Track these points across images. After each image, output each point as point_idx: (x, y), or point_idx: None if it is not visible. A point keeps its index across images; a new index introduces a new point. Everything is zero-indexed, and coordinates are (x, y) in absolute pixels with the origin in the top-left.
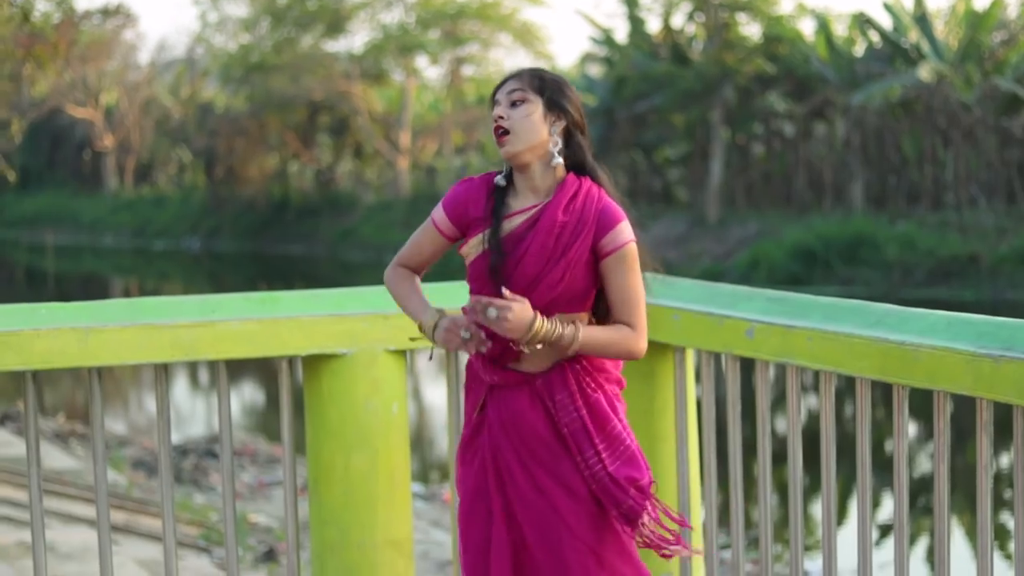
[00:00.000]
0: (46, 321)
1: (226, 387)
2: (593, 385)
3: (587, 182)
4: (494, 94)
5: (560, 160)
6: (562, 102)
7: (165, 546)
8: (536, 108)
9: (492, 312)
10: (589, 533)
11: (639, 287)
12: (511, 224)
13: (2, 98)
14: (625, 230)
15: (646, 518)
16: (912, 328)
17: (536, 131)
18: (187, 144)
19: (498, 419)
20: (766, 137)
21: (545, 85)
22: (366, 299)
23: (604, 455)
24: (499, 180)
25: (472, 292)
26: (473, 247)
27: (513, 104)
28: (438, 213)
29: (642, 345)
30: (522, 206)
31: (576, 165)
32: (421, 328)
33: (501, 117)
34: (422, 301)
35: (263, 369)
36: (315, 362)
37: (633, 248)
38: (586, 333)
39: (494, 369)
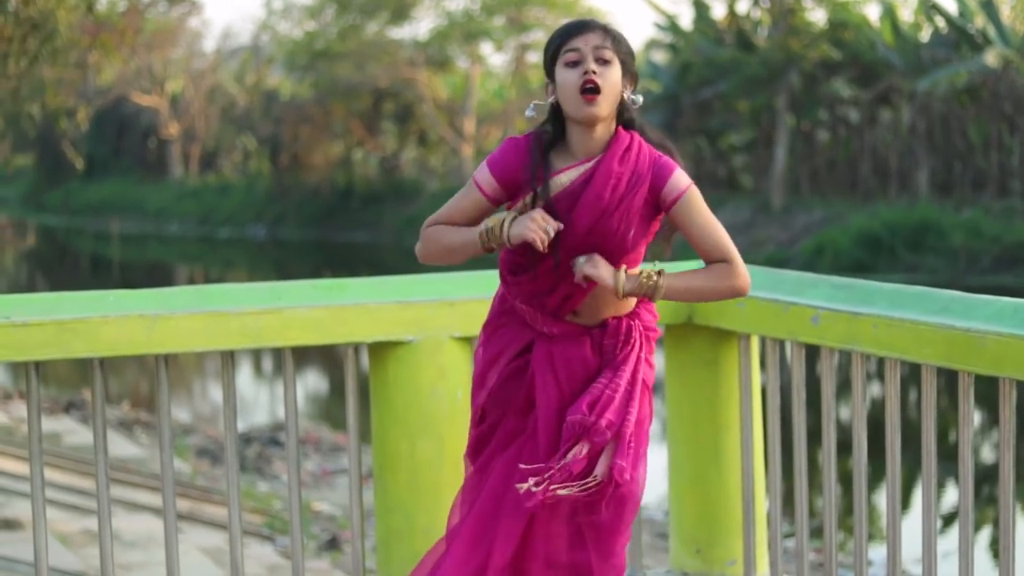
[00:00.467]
0: (114, 308)
1: (292, 374)
2: (645, 342)
3: (637, 136)
4: (566, 40)
5: (632, 110)
6: (633, 64)
7: (231, 534)
8: (617, 68)
9: (581, 259)
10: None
11: (718, 223)
12: (561, 180)
13: (68, 86)
14: (682, 176)
15: (584, 435)
16: (978, 315)
17: (618, 93)
18: (252, 132)
19: (548, 366)
20: (831, 123)
21: (621, 46)
22: (432, 286)
23: (616, 397)
24: (547, 128)
25: (517, 255)
26: (522, 208)
27: (600, 61)
28: (482, 174)
29: (745, 278)
30: (572, 162)
31: (626, 121)
32: (485, 239)
33: (595, 72)
34: (469, 227)
35: (326, 357)
36: (381, 349)
37: (696, 191)
38: (674, 277)
39: (554, 321)
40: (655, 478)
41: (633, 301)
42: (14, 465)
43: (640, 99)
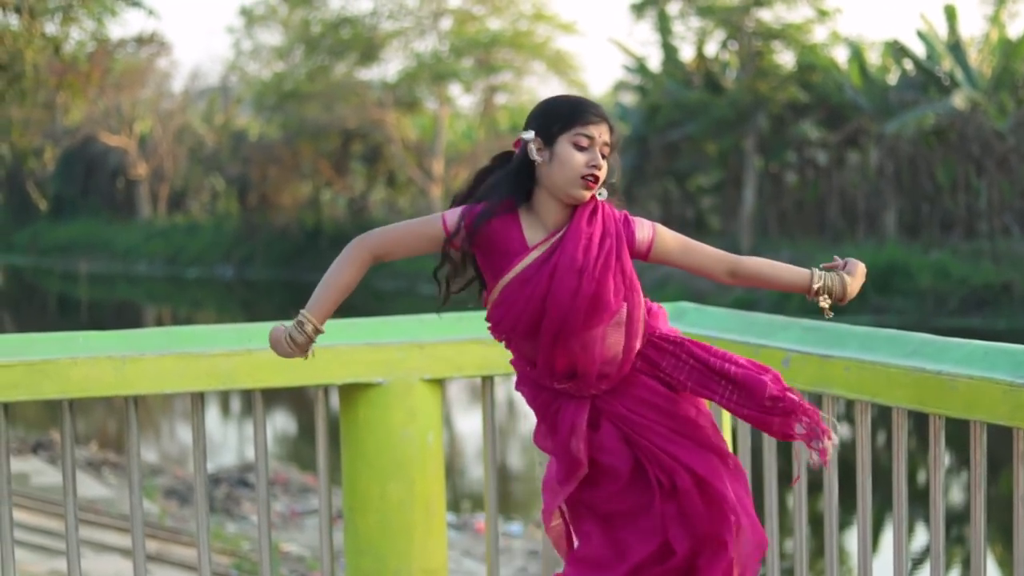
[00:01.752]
0: (83, 349)
1: (262, 416)
2: (672, 344)
3: (598, 200)
4: (584, 121)
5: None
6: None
7: (201, 574)
8: (607, 161)
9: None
10: (727, 473)
11: (693, 240)
12: (532, 256)
13: (36, 126)
14: (643, 222)
15: (801, 416)
16: (949, 358)
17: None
18: (220, 172)
19: (621, 418)
20: (799, 165)
21: (616, 140)
22: (402, 328)
23: (730, 387)
24: (516, 192)
25: (498, 324)
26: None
27: (603, 155)
28: (454, 217)
29: None
30: (543, 235)
31: None
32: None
33: (601, 168)
34: (326, 298)
35: (295, 397)
36: (351, 391)
37: (660, 226)
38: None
39: (602, 380)
40: None
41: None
42: None
43: (605, 194)
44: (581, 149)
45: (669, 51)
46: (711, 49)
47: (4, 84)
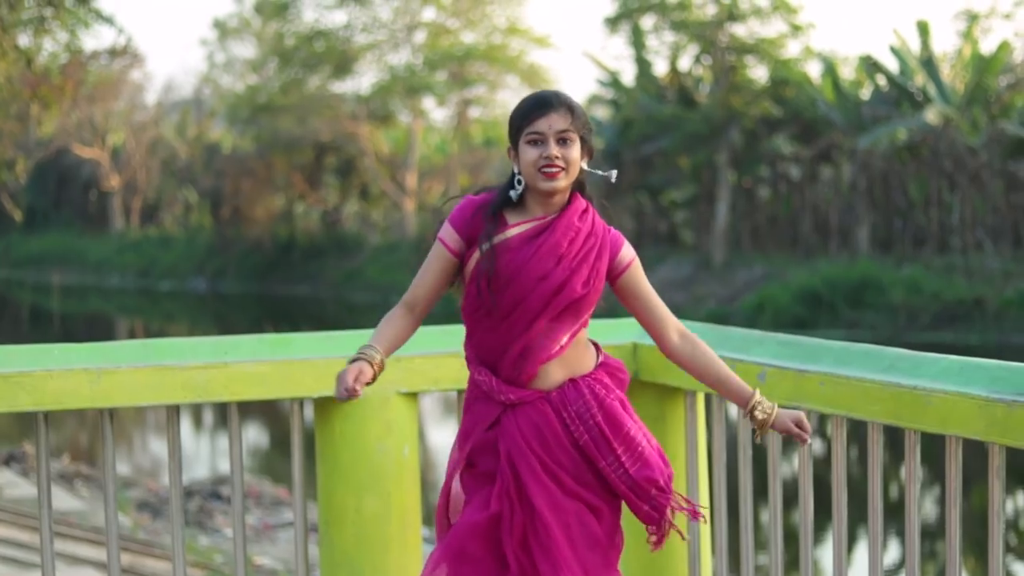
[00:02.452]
0: (59, 362)
1: (238, 429)
2: (606, 390)
3: (590, 204)
4: (531, 120)
5: (584, 181)
6: (591, 137)
7: None
8: (577, 145)
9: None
10: (608, 538)
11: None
12: (518, 229)
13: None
14: (630, 247)
15: (669, 513)
16: (924, 373)
17: (578, 167)
18: (193, 184)
19: (519, 433)
20: (772, 180)
21: (581, 123)
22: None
23: (624, 459)
24: (513, 195)
25: (468, 297)
26: (476, 256)
27: (562, 142)
28: (445, 230)
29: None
30: (527, 218)
31: (579, 186)
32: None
33: (557, 157)
34: (379, 337)
35: (267, 410)
36: (327, 404)
37: (639, 262)
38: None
39: (512, 388)
40: None
41: (591, 362)
42: None
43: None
44: (535, 144)
45: (643, 65)
46: (685, 63)
47: None
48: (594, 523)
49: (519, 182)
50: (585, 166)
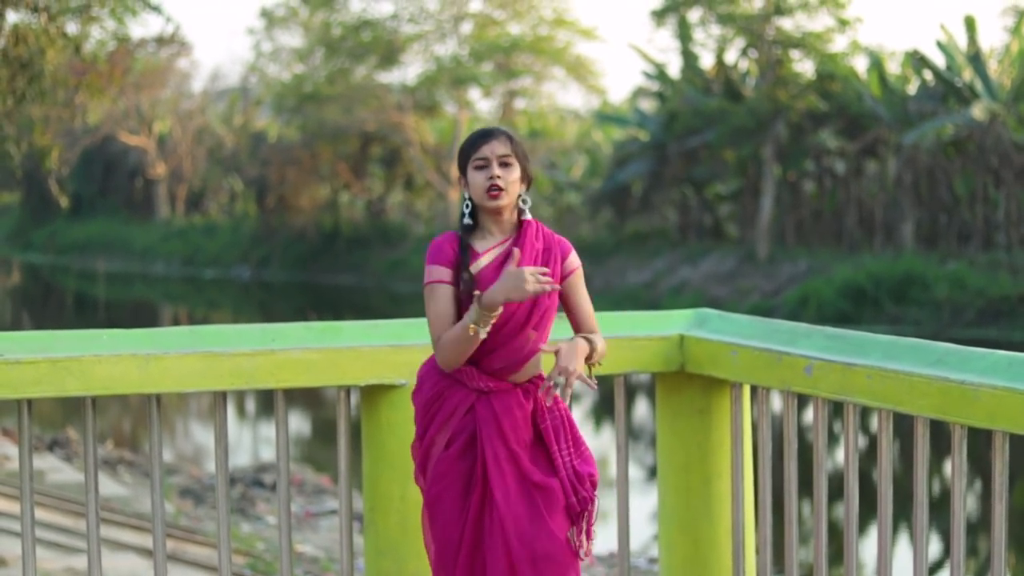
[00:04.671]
0: (107, 347)
1: (284, 416)
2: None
3: (536, 221)
4: (477, 148)
5: (525, 208)
6: (529, 167)
7: (221, 574)
8: (516, 170)
9: (560, 379)
10: (559, 518)
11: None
12: (488, 257)
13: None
14: (576, 255)
15: (591, 507)
16: (972, 368)
17: (517, 189)
18: (239, 173)
19: (491, 418)
20: (817, 174)
21: (520, 150)
22: (425, 330)
23: (572, 451)
24: (465, 219)
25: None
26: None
27: (503, 165)
28: (434, 272)
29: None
30: (492, 243)
31: (520, 212)
32: (478, 319)
33: (499, 177)
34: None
35: (309, 398)
36: (373, 392)
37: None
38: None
39: (490, 378)
40: (637, 525)
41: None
42: None
43: (529, 202)
44: (481, 168)
45: (689, 58)
46: (731, 57)
47: (24, 83)
48: (543, 505)
49: (467, 206)
50: (521, 197)
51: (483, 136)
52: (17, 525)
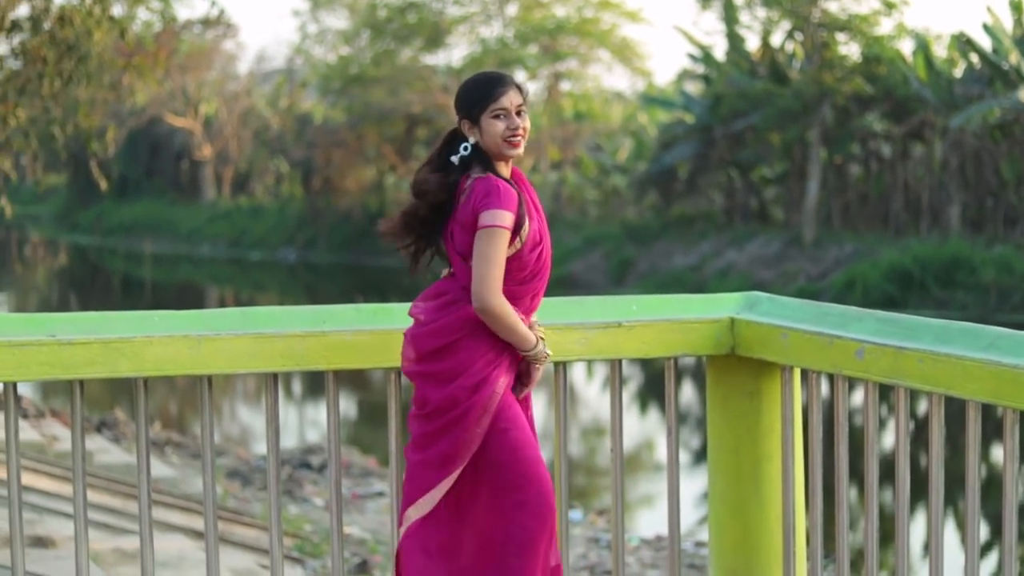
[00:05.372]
0: (159, 328)
1: (335, 398)
2: None
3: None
4: (495, 97)
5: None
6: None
7: (272, 555)
8: (527, 117)
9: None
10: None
11: None
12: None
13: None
14: None
15: None
16: None
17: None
18: (285, 155)
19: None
20: (863, 158)
21: (527, 98)
22: None
23: None
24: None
25: (524, 262)
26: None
27: (520, 115)
28: (505, 217)
29: None
30: None
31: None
32: (531, 351)
33: (523, 128)
34: (527, 329)
35: (355, 380)
36: None
37: None
38: None
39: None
40: (683, 508)
41: None
42: (45, 482)
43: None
44: (498, 118)
45: (734, 41)
46: (777, 40)
47: (71, 65)
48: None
49: (467, 149)
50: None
51: (498, 83)
52: (65, 506)
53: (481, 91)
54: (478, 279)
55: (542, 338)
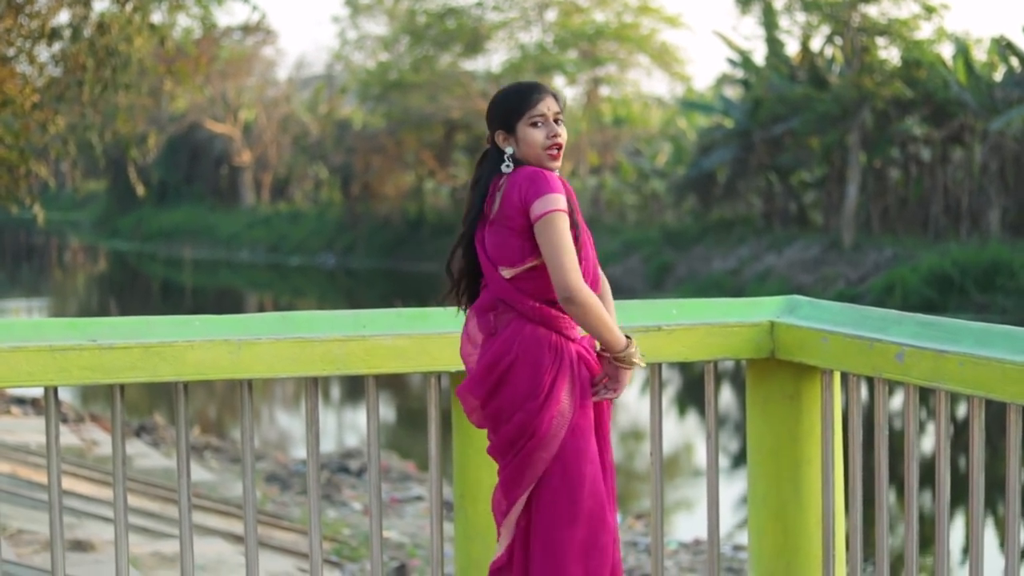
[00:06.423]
0: (199, 333)
1: (375, 402)
2: None
3: None
4: (533, 104)
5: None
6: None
7: (312, 559)
8: (564, 126)
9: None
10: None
11: None
12: None
13: (141, 113)
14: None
15: None
16: None
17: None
18: (324, 161)
19: (592, 363)
20: (903, 162)
21: (564, 106)
22: None
23: None
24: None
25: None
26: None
27: (558, 122)
28: (560, 201)
29: None
30: None
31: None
32: (621, 353)
33: (558, 135)
34: (618, 329)
35: (393, 384)
36: (463, 379)
37: None
38: None
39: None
40: (721, 512)
41: None
42: (85, 487)
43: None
44: (537, 126)
45: (774, 45)
46: (816, 44)
47: (110, 72)
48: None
49: (509, 162)
50: None
51: (535, 90)
52: (105, 510)
53: (518, 99)
54: (557, 269)
55: (630, 337)
